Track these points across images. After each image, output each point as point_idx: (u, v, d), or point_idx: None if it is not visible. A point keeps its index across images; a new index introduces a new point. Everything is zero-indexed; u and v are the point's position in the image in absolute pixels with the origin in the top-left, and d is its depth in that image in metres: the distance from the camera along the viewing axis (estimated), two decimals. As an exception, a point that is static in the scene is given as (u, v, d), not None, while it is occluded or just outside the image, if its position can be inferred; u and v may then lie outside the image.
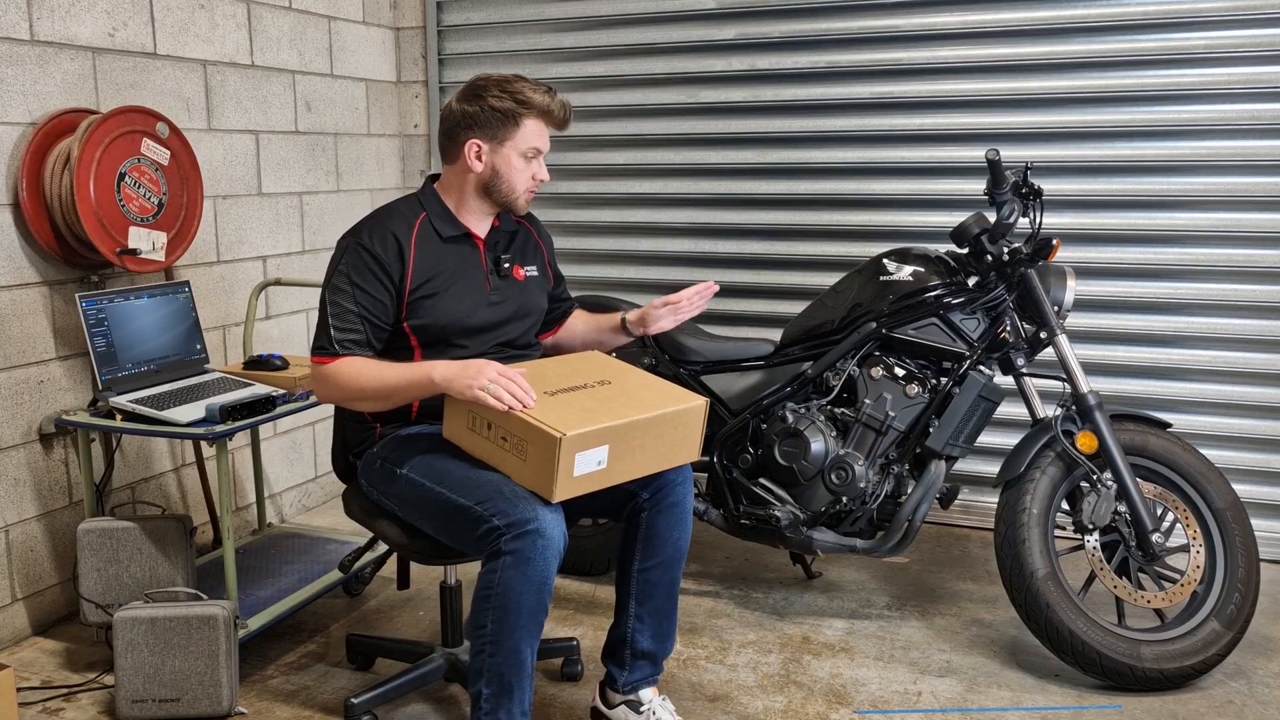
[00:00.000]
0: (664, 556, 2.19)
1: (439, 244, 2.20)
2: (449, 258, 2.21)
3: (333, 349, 2.10)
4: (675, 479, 2.18)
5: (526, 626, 1.94)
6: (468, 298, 2.21)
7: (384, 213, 2.21)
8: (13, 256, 2.71)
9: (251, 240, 3.49)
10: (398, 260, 2.13)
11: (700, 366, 2.98)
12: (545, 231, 2.47)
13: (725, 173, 3.83)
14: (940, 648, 2.74)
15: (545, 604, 1.96)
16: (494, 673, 1.96)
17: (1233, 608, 2.49)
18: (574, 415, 1.93)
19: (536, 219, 2.45)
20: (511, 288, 2.29)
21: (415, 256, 2.15)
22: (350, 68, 3.93)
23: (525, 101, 2.16)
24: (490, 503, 1.96)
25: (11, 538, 2.75)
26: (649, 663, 2.27)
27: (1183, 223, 3.33)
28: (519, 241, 2.36)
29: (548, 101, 2.18)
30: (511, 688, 1.96)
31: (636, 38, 3.86)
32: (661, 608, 2.24)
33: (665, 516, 2.17)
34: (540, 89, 2.19)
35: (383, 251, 2.12)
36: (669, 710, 2.26)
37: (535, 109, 2.17)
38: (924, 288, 2.73)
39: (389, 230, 2.15)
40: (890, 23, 3.53)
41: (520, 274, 2.32)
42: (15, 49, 2.68)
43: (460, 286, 2.20)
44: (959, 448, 2.69)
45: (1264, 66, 3.18)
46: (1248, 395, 3.33)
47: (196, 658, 2.34)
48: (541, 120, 2.20)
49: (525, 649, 1.96)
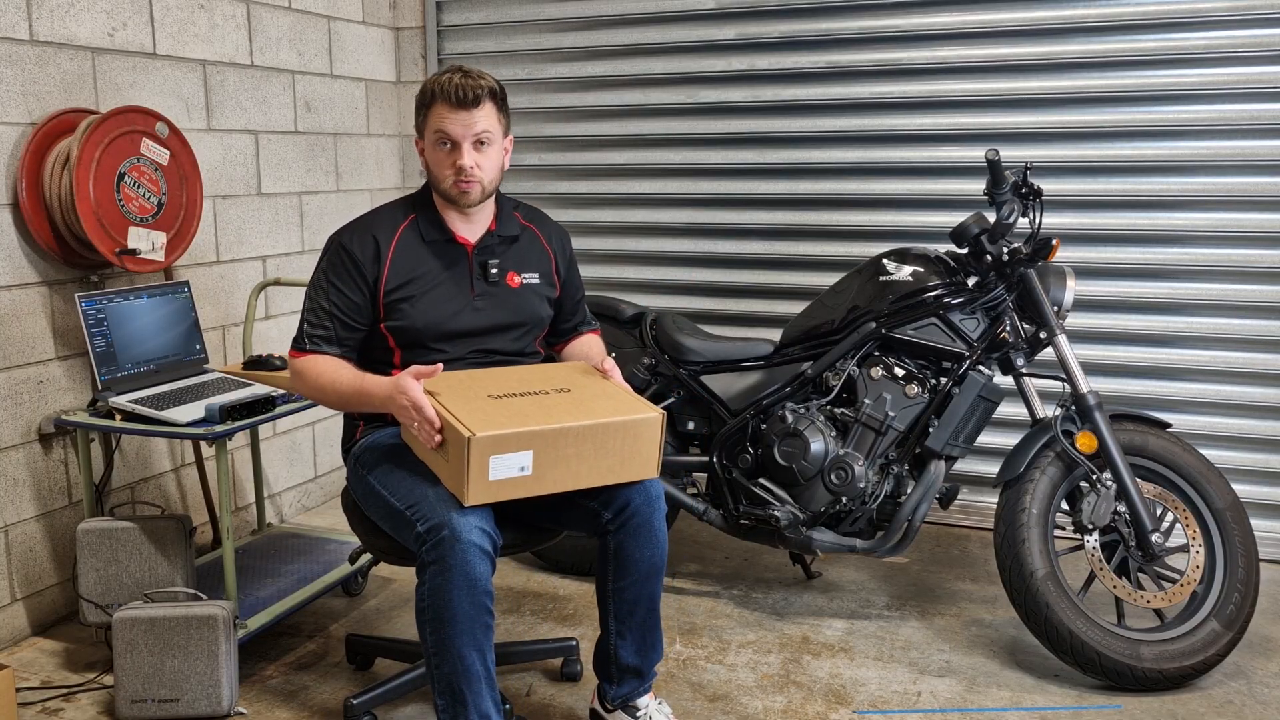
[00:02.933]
0: (638, 575, 2.13)
1: (422, 247, 2.18)
2: (431, 261, 2.18)
3: (303, 344, 2.15)
4: (637, 500, 2.09)
5: (467, 633, 1.91)
6: (449, 303, 2.17)
7: (373, 214, 2.22)
8: (12, 256, 2.71)
9: (251, 240, 3.49)
10: (374, 262, 2.13)
11: (700, 366, 2.98)
12: (560, 240, 2.37)
13: (725, 173, 3.83)
14: (940, 648, 2.74)
15: (485, 605, 1.92)
16: (444, 684, 1.94)
17: (1232, 608, 2.49)
18: (500, 418, 1.88)
19: (551, 225, 2.37)
20: (501, 294, 2.23)
21: (393, 258, 2.15)
22: (350, 68, 3.93)
23: (426, 89, 2.13)
24: (416, 507, 1.97)
25: (11, 538, 2.75)
26: (635, 676, 2.23)
27: (1183, 223, 3.33)
28: (519, 247, 2.28)
29: (440, 81, 2.10)
30: (464, 695, 1.93)
31: (636, 38, 3.86)
32: (642, 623, 2.18)
33: (632, 538, 2.10)
34: (447, 73, 2.11)
35: (359, 252, 2.13)
36: (665, 714, 2.25)
37: (435, 94, 2.10)
38: (923, 288, 2.73)
39: (370, 232, 2.16)
40: (890, 23, 3.53)
41: (515, 280, 2.25)
42: (15, 49, 2.68)
43: (441, 291, 2.17)
44: (959, 448, 2.69)
45: (1264, 66, 3.18)
46: (1248, 395, 3.33)
47: (196, 658, 2.34)
48: (442, 104, 2.10)
49: (470, 655, 1.92)
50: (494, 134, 2.13)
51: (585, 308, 2.48)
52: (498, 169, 2.17)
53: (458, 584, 1.88)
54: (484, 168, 2.13)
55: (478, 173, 2.11)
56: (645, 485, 2.10)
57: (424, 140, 2.16)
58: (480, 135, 2.11)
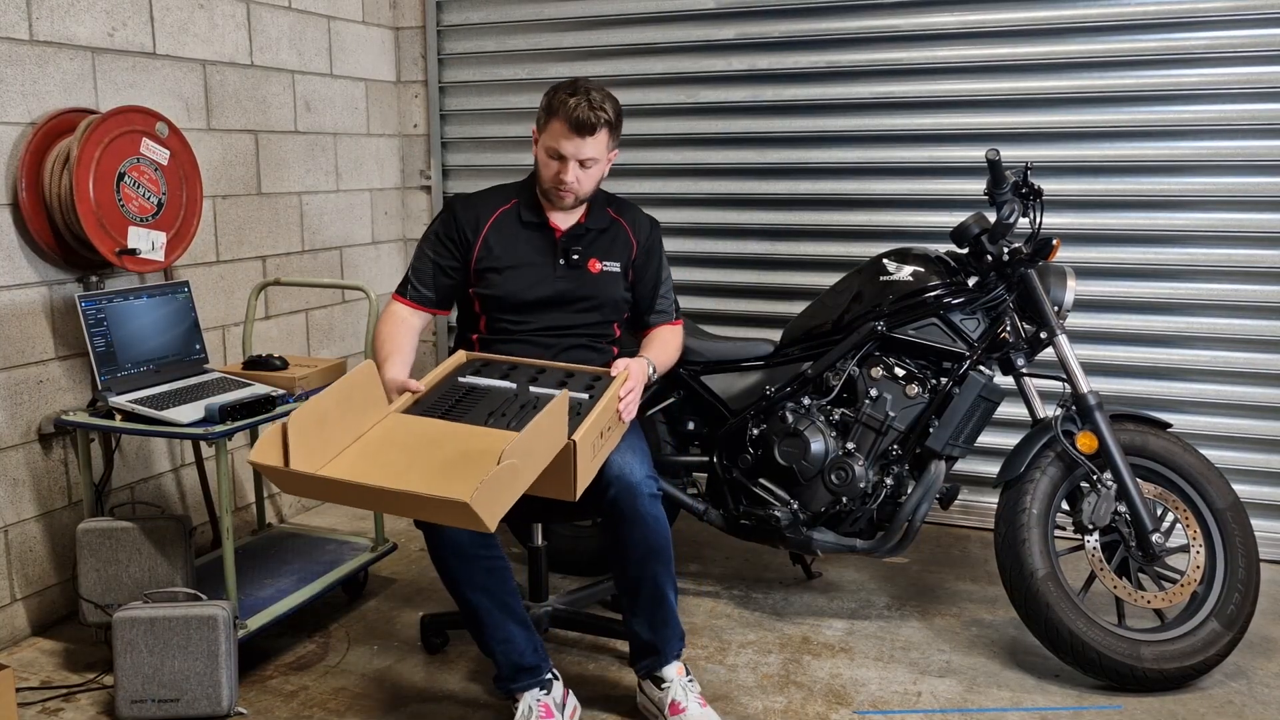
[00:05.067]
0: (633, 557, 2.25)
1: (518, 228, 2.43)
2: (522, 242, 2.42)
3: (405, 289, 2.46)
4: (614, 489, 2.20)
5: (466, 581, 2.24)
6: (530, 277, 2.40)
7: (488, 190, 2.50)
8: (12, 256, 2.71)
9: (251, 240, 3.49)
10: (473, 231, 2.41)
11: (700, 366, 2.98)
12: (646, 231, 2.53)
13: (725, 173, 3.83)
14: (940, 648, 2.74)
15: (479, 556, 2.22)
16: (464, 617, 2.32)
17: (1233, 608, 2.49)
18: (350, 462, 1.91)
19: (642, 218, 2.54)
20: (581, 277, 2.43)
21: (487, 234, 2.41)
22: (350, 67, 3.93)
23: (551, 105, 2.33)
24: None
25: (11, 538, 2.75)
26: (652, 651, 2.33)
27: (1183, 223, 3.33)
28: (606, 238, 2.48)
29: (567, 103, 2.28)
30: (481, 625, 2.28)
31: (636, 38, 3.86)
32: (649, 602, 2.29)
33: (621, 524, 2.23)
34: (575, 95, 2.29)
35: (464, 220, 2.42)
36: (691, 691, 2.31)
37: (557, 113, 2.30)
38: (924, 288, 2.73)
39: (476, 206, 2.44)
40: (890, 23, 3.53)
41: (596, 267, 2.44)
42: (14, 49, 2.68)
43: (526, 268, 2.40)
44: (959, 448, 2.69)
45: (1264, 66, 3.18)
46: (1248, 395, 3.33)
47: (196, 658, 2.33)
48: (561, 123, 2.30)
49: (475, 596, 2.25)
50: (600, 157, 2.35)
51: (668, 299, 2.60)
52: (596, 181, 2.41)
53: (447, 552, 2.20)
54: (583, 182, 2.36)
55: (576, 186, 2.35)
56: (623, 470, 2.21)
57: (538, 141, 2.38)
58: (587, 160, 2.33)
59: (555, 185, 2.35)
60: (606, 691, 2.51)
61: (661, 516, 2.25)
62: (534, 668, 2.28)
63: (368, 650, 2.74)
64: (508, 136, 4.12)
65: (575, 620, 2.68)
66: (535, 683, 2.28)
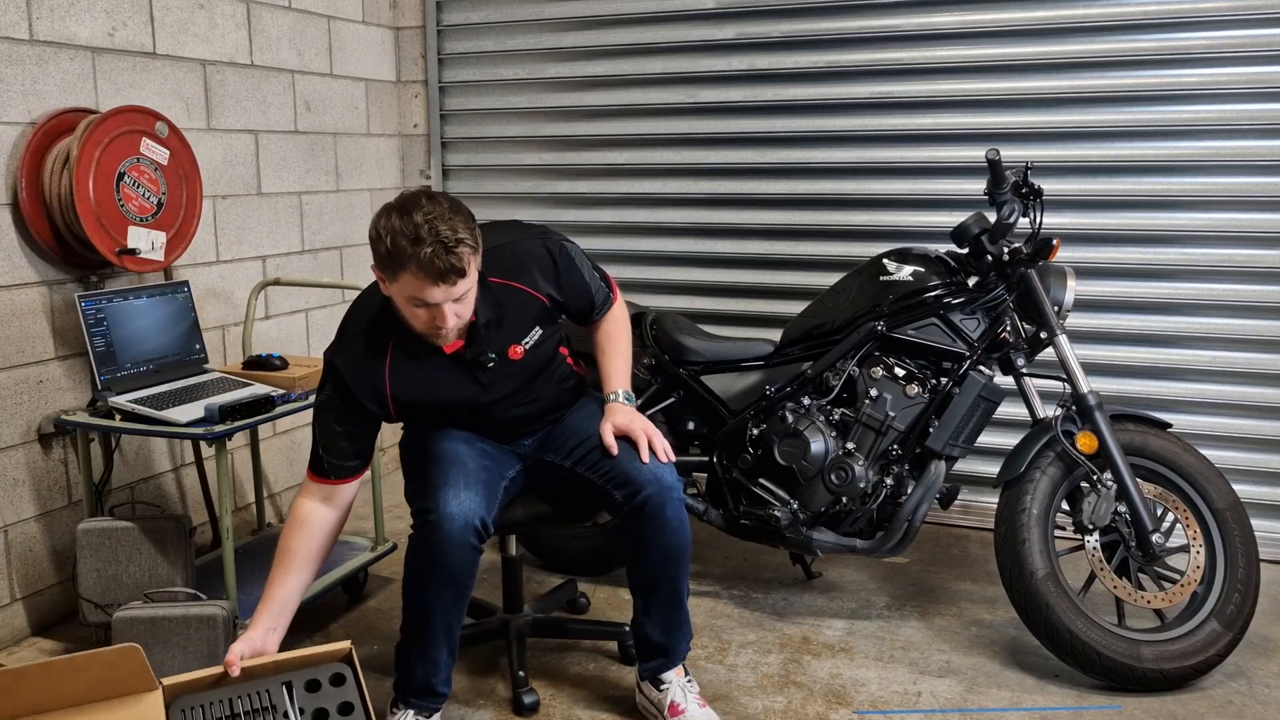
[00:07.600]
0: (654, 558, 2.23)
1: (416, 360, 2.14)
2: (430, 370, 2.16)
3: (323, 469, 2.15)
4: (649, 489, 2.15)
5: (437, 603, 2.16)
6: (459, 396, 2.20)
7: (353, 337, 2.15)
8: (12, 256, 2.71)
9: (251, 240, 3.49)
10: (374, 393, 2.14)
11: (700, 366, 2.98)
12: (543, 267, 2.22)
13: (725, 173, 3.83)
14: (940, 648, 2.74)
15: (462, 584, 2.14)
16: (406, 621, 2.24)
17: (1233, 608, 2.49)
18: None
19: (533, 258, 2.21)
20: (508, 369, 2.21)
21: (391, 384, 2.14)
22: (350, 67, 3.93)
23: (393, 256, 1.92)
24: (425, 476, 2.17)
25: (11, 538, 2.75)
26: (661, 654, 2.32)
27: (1183, 223, 3.33)
28: (510, 316, 2.18)
29: (418, 255, 1.89)
30: (418, 639, 2.20)
31: (636, 38, 3.86)
32: (665, 603, 2.28)
33: (646, 524, 2.19)
34: (419, 242, 1.88)
35: (357, 389, 2.13)
36: (690, 691, 2.31)
37: (407, 266, 1.92)
38: (924, 288, 2.73)
39: (363, 363, 2.13)
40: (890, 23, 3.53)
41: (517, 351, 2.21)
42: (14, 48, 2.68)
43: (448, 394, 2.19)
44: (959, 448, 2.69)
45: (1264, 66, 3.18)
46: (1248, 395, 3.33)
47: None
48: (416, 276, 1.92)
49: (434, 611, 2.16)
50: (474, 281, 2.01)
51: (601, 289, 2.36)
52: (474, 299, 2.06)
53: (435, 573, 2.10)
54: (464, 314, 2.03)
55: (458, 322, 2.02)
56: (658, 474, 2.18)
57: (386, 286, 2.01)
58: (462, 296, 1.99)
59: (433, 332, 2.04)
60: (606, 692, 2.51)
61: (686, 520, 2.23)
62: (440, 695, 2.23)
63: (367, 650, 2.74)
64: (508, 136, 4.12)
65: (560, 628, 2.67)
66: (430, 707, 2.22)
